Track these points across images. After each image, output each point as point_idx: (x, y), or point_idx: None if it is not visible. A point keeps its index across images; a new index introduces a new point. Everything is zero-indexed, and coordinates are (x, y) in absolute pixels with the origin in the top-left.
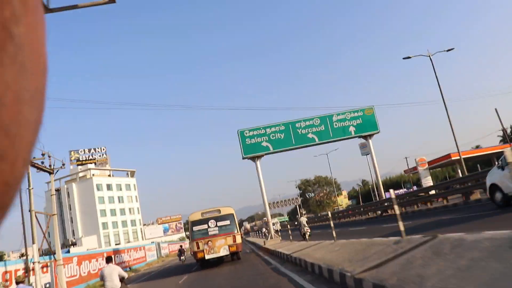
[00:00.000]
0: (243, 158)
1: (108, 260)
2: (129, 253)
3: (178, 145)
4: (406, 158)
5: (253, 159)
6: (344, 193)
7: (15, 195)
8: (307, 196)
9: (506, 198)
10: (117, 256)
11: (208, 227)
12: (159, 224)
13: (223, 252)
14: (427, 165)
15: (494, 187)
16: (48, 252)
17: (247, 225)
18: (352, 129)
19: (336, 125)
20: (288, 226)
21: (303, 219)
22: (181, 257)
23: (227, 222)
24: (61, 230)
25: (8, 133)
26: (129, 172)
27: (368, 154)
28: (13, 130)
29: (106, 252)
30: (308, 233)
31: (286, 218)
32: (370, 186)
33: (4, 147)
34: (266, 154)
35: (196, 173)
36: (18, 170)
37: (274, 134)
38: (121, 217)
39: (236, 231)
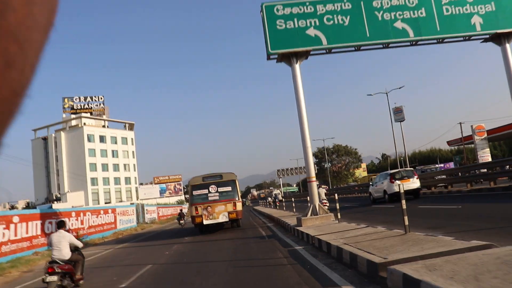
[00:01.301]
0: (269, 57)
1: (60, 225)
2: (84, 216)
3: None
4: (460, 123)
5: (289, 58)
6: (363, 165)
7: (22, 103)
8: (323, 166)
9: (374, 199)
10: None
11: (209, 192)
12: (155, 183)
13: (222, 218)
14: (485, 134)
15: (369, 194)
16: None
17: (254, 192)
18: (477, 20)
19: (448, 10)
20: (292, 198)
21: (322, 191)
22: (181, 221)
23: (228, 188)
24: (46, 183)
25: (17, 38)
26: (127, 125)
27: (402, 121)
28: (22, 34)
29: (50, 214)
30: (326, 207)
31: (294, 188)
32: (393, 160)
33: (13, 53)
34: (314, 50)
35: (204, 135)
36: (26, 77)
37: (331, 16)
38: (114, 173)
39: (237, 198)
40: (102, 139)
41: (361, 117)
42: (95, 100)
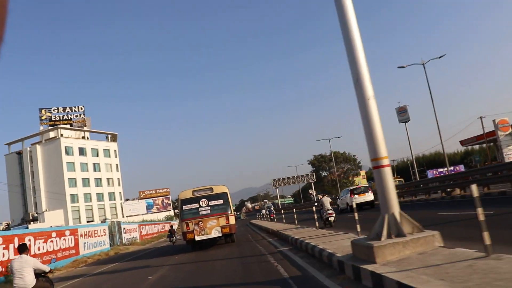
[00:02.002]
0: None
1: (21, 249)
2: (27, 242)
3: (175, 114)
4: (480, 118)
5: None
6: (362, 173)
7: None
8: (321, 175)
9: (341, 209)
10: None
11: (200, 206)
12: (141, 198)
13: (215, 233)
14: (510, 129)
15: (337, 206)
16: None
17: (249, 205)
18: None
19: None
20: (294, 209)
21: (326, 200)
22: (171, 238)
23: (220, 201)
24: (22, 202)
25: None
26: (109, 136)
27: (407, 121)
28: None
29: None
30: (332, 218)
31: (289, 199)
32: (395, 166)
33: None
34: None
35: (193, 147)
36: None
37: None
38: (96, 188)
39: (229, 212)
40: (81, 151)
41: (358, 120)
42: (74, 111)
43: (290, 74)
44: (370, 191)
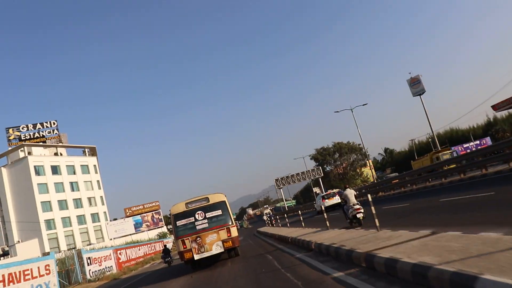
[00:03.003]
0: None
1: None
2: None
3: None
4: None
5: None
6: (370, 162)
7: None
8: (325, 169)
9: (317, 211)
10: None
11: (196, 220)
12: (127, 216)
13: (216, 249)
14: None
15: (315, 208)
16: None
17: (250, 211)
18: None
19: None
20: (299, 211)
21: (350, 193)
22: (166, 259)
23: (218, 212)
24: None
25: None
26: (87, 150)
27: (422, 93)
28: None
29: None
30: (361, 215)
31: (291, 202)
32: (425, 142)
33: None
34: None
35: (187, 161)
36: None
37: None
38: (76, 210)
39: (230, 222)
40: (55, 170)
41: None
42: (47, 127)
43: (276, 76)
44: (337, 196)
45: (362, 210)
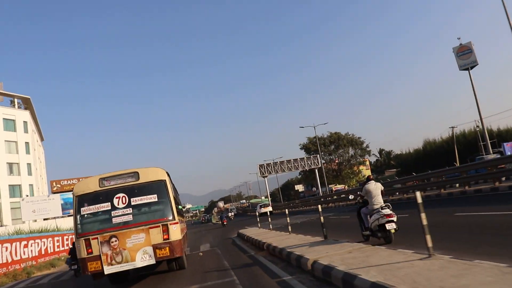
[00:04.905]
0: None
1: None
2: None
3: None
4: None
5: None
6: (367, 162)
7: None
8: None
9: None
10: None
11: (113, 208)
12: (54, 192)
13: (143, 259)
14: None
15: (257, 213)
16: None
17: (221, 204)
18: None
19: None
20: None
21: (375, 187)
22: (73, 266)
23: (153, 197)
24: None
25: None
26: (16, 100)
27: (473, 66)
28: None
29: None
30: (393, 226)
31: (265, 200)
32: (471, 132)
33: None
34: None
35: (162, 148)
36: None
37: None
38: None
39: (171, 217)
40: None
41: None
42: None
43: (257, 74)
44: (270, 205)
45: (395, 219)
